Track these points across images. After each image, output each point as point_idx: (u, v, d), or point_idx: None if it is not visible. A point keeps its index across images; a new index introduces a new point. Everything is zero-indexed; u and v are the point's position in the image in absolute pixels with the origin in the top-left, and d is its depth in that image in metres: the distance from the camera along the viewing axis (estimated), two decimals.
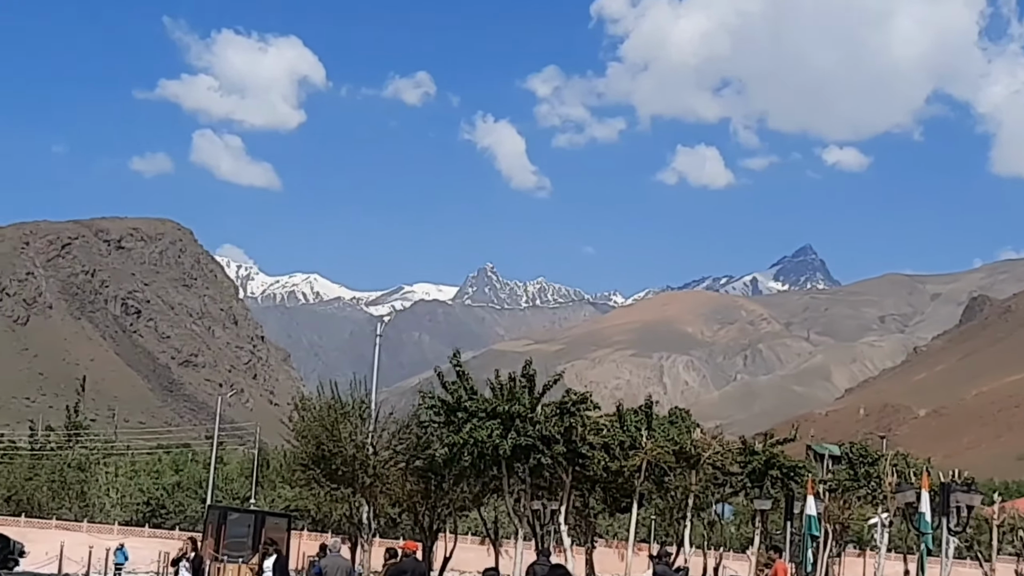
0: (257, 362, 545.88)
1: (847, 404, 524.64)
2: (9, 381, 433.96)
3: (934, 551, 40.36)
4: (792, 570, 44.55)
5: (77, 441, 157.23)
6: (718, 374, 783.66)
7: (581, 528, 64.30)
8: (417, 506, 61.03)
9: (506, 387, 59.19)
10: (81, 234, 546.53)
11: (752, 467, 68.34)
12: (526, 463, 57.47)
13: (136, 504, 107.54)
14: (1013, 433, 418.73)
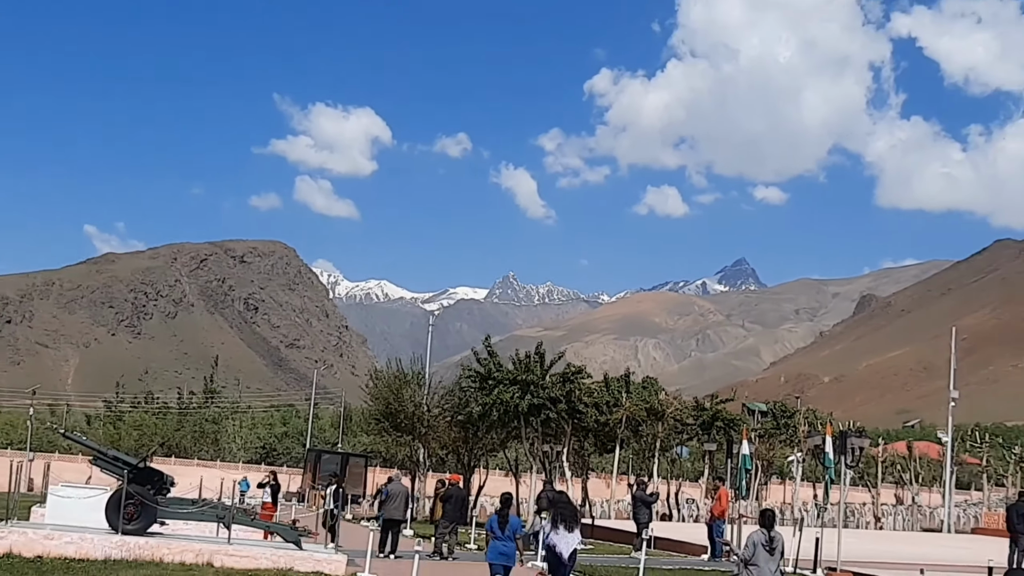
0: (342, 345, 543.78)
1: (771, 374, 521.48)
2: (163, 358, 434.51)
3: (835, 480, 40.15)
4: (731, 494, 44.27)
5: (212, 402, 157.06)
6: (677, 352, 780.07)
7: (578, 464, 64.33)
8: (459, 449, 61.23)
9: (523, 362, 59.78)
10: (214, 252, 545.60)
11: (702, 420, 68.64)
12: (538, 417, 57.84)
13: (254, 448, 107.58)
14: (892, 394, 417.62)
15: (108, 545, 24.57)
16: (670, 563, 31.17)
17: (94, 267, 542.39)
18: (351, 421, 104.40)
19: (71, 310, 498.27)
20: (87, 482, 38.39)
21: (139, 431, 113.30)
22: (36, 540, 24.79)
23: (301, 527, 30.88)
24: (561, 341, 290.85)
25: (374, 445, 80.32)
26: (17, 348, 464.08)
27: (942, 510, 69.01)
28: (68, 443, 64.91)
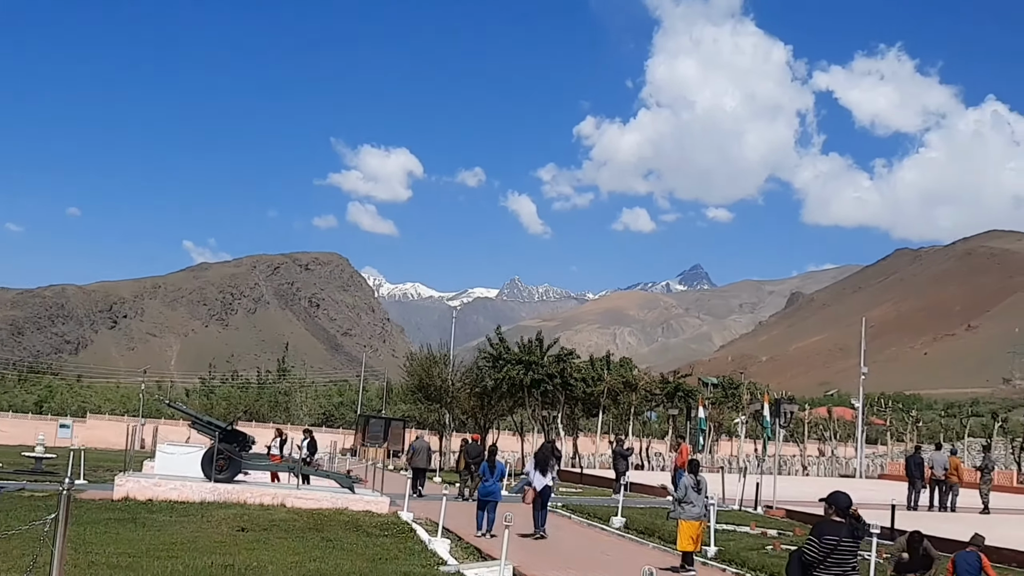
0: (385, 333, 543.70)
1: (720, 355, 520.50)
2: (245, 345, 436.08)
3: (771, 437, 40.08)
4: (690, 449, 44.11)
5: (283, 378, 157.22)
6: (647, 338, 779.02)
7: (570, 426, 64.36)
8: (476, 414, 61.17)
9: (526, 346, 59.99)
10: (285, 261, 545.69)
11: (667, 390, 68.50)
12: (538, 389, 57.97)
13: (317, 413, 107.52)
14: (815, 370, 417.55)
15: (203, 490, 24.70)
16: (642, 502, 31.18)
17: (191, 273, 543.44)
18: (392, 393, 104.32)
19: (173, 307, 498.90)
20: (186, 441, 38.36)
21: (227, 401, 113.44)
22: (147, 487, 24.91)
23: (354, 476, 30.82)
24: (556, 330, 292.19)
25: (410, 411, 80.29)
26: (132, 337, 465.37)
27: (855, 460, 68.99)
28: (171, 411, 64.98)
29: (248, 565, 14.97)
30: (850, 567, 9.51)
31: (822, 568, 9.39)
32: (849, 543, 9.55)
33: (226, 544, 17.39)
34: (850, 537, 9.59)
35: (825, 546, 9.42)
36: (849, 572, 9.48)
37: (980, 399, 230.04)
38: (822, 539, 9.48)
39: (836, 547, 9.42)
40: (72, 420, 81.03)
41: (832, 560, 9.39)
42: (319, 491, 25.94)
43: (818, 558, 9.41)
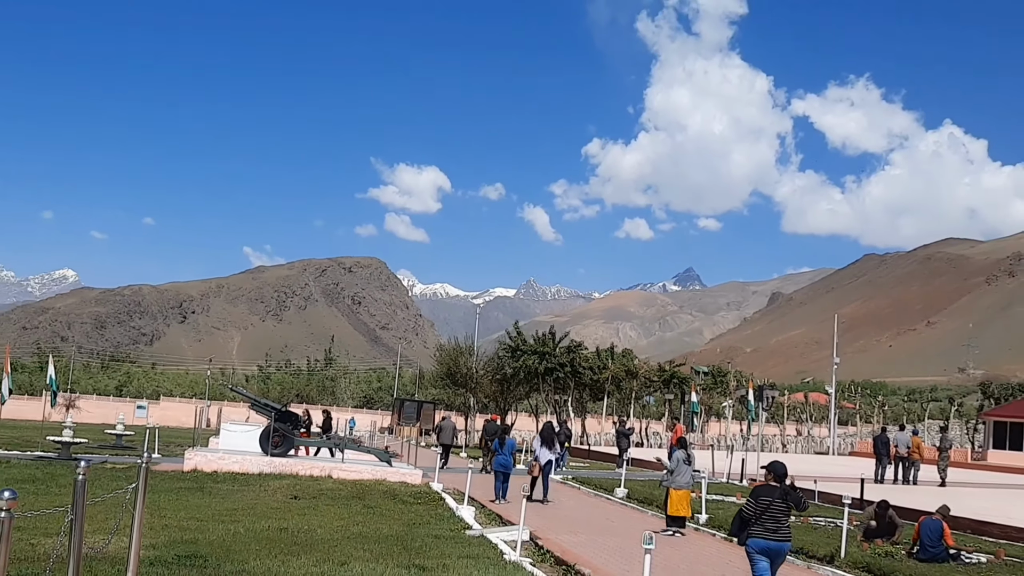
0: (417, 327, 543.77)
1: (711, 346, 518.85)
2: (296, 337, 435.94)
3: (755, 419, 39.99)
4: (684, 429, 44.03)
5: (330, 366, 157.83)
6: (646, 332, 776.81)
7: (579, 408, 64.20)
8: (497, 397, 61.03)
9: (541, 339, 60.34)
10: (331, 265, 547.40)
11: (663, 378, 68.52)
12: (551, 376, 58.05)
13: (359, 397, 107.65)
14: (794, 360, 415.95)
15: (260, 464, 24.77)
16: (641, 476, 31.11)
17: (250, 275, 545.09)
18: (424, 379, 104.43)
19: (235, 304, 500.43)
20: (246, 421, 38.50)
21: (281, 386, 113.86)
22: (212, 460, 25.02)
23: (391, 451, 30.87)
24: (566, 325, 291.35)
25: (439, 395, 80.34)
26: (199, 331, 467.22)
27: (828, 439, 68.66)
28: (233, 395, 65.09)
29: (300, 528, 15.04)
30: (782, 523, 10.10)
31: (758, 523, 10.05)
32: (780, 503, 10.14)
33: (281, 510, 17.48)
34: (782, 499, 10.18)
35: (760, 504, 10.09)
36: (781, 527, 10.07)
37: (938, 386, 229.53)
38: (758, 499, 10.18)
39: (769, 506, 10.08)
40: (148, 402, 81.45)
41: (766, 516, 10.04)
42: (361, 464, 26.00)
43: (754, 514, 10.10)
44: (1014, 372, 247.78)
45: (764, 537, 10.02)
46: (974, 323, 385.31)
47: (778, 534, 10.05)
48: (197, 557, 11.66)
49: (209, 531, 14.09)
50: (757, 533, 10.05)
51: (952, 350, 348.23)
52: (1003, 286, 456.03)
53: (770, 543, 10.02)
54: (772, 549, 10.05)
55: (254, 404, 29.14)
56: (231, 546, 12.83)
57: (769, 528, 10.02)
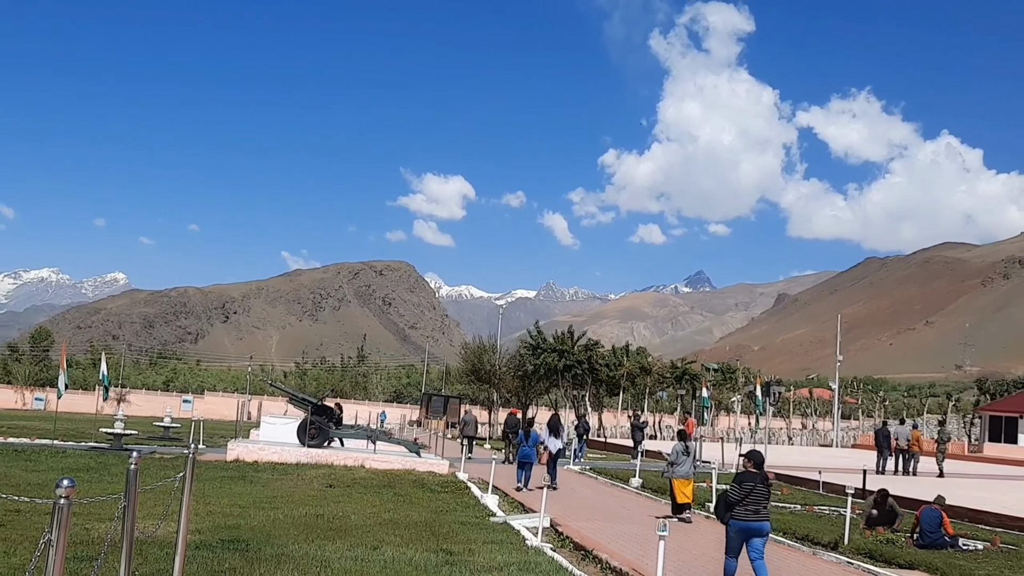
0: (444, 327, 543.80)
1: (720, 344, 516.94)
2: (331, 336, 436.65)
3: (763, 413, 39.90)
4: (695, 422, 44.00)
5: (362, 363, 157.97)
6: (659, 331, 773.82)
7: (595, 403, 64.10)
8: (519, 393, 61.02)
9: (560, 338, 60.14)
10: (363, 268, 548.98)
11: (676, 374, 68.33)
12: (569, 373, 58.04)
13: (389, 392, 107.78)
14: (799, 358, 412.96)
15: (298, 454, 24.86)
16: (654, 466, 30.99)
17: (288, 278, 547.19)
18: (450, 375, 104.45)
19: (274, 305, 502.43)
20: (285, 414, 38.63)
21: (316, 382, 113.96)
22: (253, 451, 25.11)
23: (420, 443, 30.93)
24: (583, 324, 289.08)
25: (465, 390, 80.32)
26: (240, 330, 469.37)
27: (832, 432, 68.26)
28: (272, 389, 65.30)
29: (335, 515, 15.10)
30: (762, 507, 10.69)
31: (741, 506, 10.59)
32: (762, 488, 10.73)
33: (317, 497, 17.54)
34: (762, 484, 10.78)
35: (743, 489, 10.62)
36: (761, 510, 10.65)
37: (936, 382, 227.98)
38: (741, 485, 10.71)
39: (752, 491, 10.62)
40: (193, 397, 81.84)
41: (748, 500, 10.58)
42: (391, 455, 26.06)
43: (738, 499, 10.64)
44: (1009, 369, 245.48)
45: (746, 519, 10.59)
46: (970, 323, 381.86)
47: (759, 515, 10.63)
48: (240, 541, 11.74)
49: (251, 517, 14.17)
50: (740, 515, 10.60)
51: (949, 348, 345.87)
52: (998, 288, 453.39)
53: (751, 523, 10.59)
54: (753, 528, 10.62)
55: (292, 398, 29.29)
56: (271, 531, 12.90)
57: (751, 510, 10.58)
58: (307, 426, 26.18)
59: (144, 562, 9.53)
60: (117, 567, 6.37)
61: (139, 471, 6.34)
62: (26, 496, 11.70)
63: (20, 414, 56.20)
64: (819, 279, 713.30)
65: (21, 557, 9.80)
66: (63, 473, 18.46)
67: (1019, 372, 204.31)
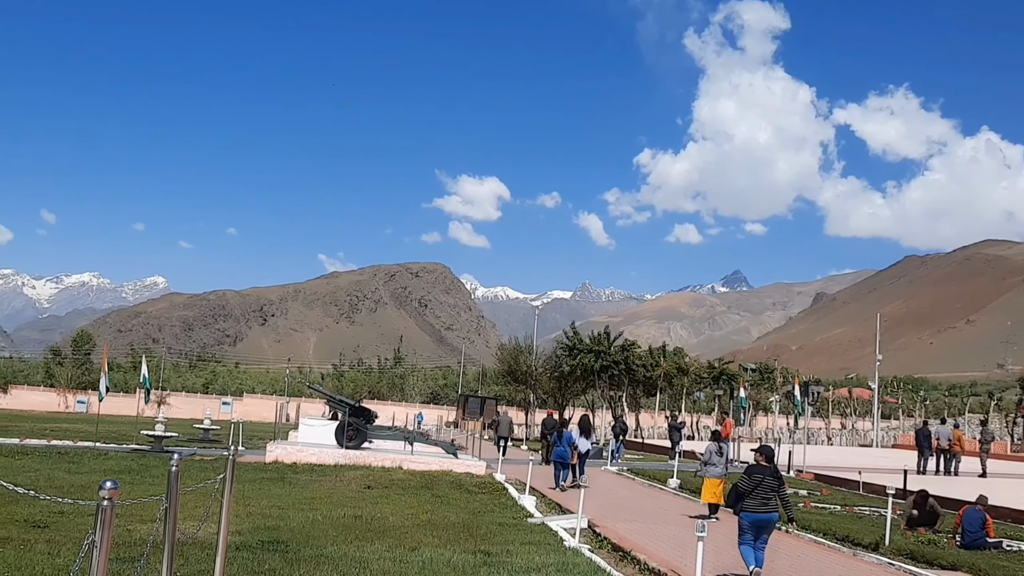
0: (480, 328, 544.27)
1: (758, 344, 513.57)
2: (368, 338, 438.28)
3: (801, 413, 39.52)
4: (733, 423, 43.75)
5: (399, 364, 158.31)
6: (696, 331, 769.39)
7: (632, 404, 63.85)
8: (555, 393, 60.95)
9: (596, 338, 59.97)
10: (399, 270, 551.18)
11: (713, 374, 67.97)
12: (606, 374, 57.90)
13: (426, 393, 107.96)
14: (838, 357, 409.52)
15: (336, 455, 24.98)
16: (692, 466, 30.84)
17: (325, 280, 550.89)
18: (486, 376, 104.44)
19: (311, 308, 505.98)
20: (322, 416, 38.89)
21: (354, 383, 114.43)
22: (292, 452, 25.28)
23: (457, 444, 31.00)
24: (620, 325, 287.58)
25: (501, 391, 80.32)
26: (278, 332, 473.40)
27: (872, 432, 67.57)
28: (310, 391, 65.70)
29: (373, 516, 15.16)
30: (771, 498, 11.27)
31: (751, 497, 11.23)
32: (771, 481, 11.33)
33: (355, 499, 17.61)
34: (772, 477, 11.38)
35: (753, 481, 11.28)
36: (770, 501, 11.23)
37: (978, 381, 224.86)
38: (751, 476, 11.37)
39: (761, 482, 11.25)
40: (232, 399, 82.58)
41: (758, 491, 11.21)
42: (429, 456, 26.12)
43: (748, 490, 11.28)
44: None
45: (755, 510, 11.18)
46: (1012, 321, 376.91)
47: (767, 507, 11.23)
48: (279, 543, 11.82)
49: (290, 518, 14.26)
50: (750, 506, 11.22)
51: (991, 347, 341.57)
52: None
53: (760, 515, 11.18)
54: (762, 519, 11.20)
55: (330, 400, 29.44)
56: (310, 532, 12.98)
57: (760, 501, 11.21)
58: (345, 428, 26.31)
59: (185, 563, 9.62)
60: (159, 568, 6.44)
61: (180, 473, 6.41)
62: (69, 498, 11.86)
63: (63, 417, 56.97)
64: (857, 278, 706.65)
65: (65, 558, 9.93)
66: (105, 475, 18.68)
67: None
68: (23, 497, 8.20)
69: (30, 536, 11.43)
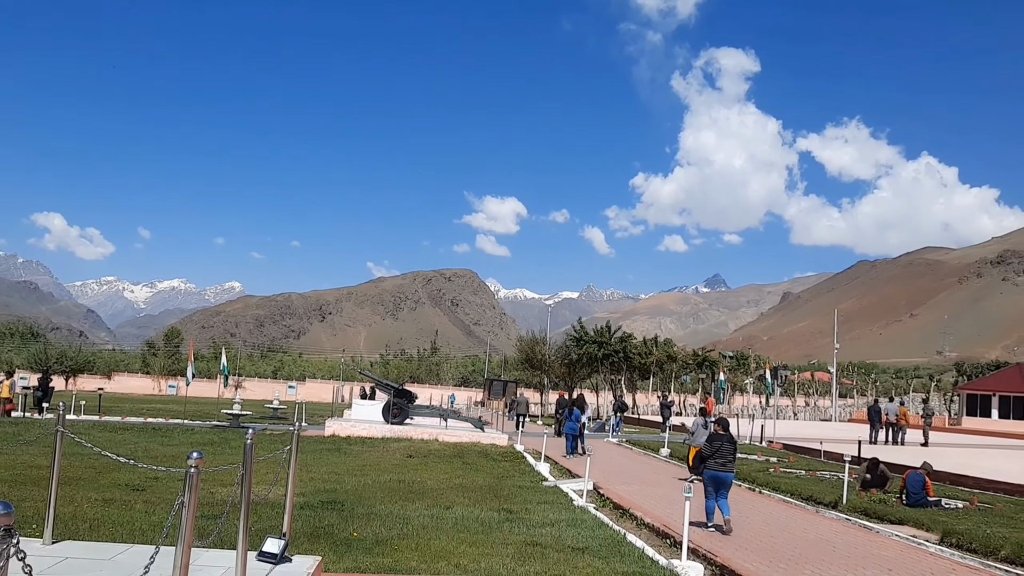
0: (502, 323, 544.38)
1: (734, 335, 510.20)
2: (409, 332, 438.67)
3: (772, 393, 39.38)
4: (714, 402, 43.58)
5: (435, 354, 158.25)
6: (682, 325, 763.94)
7: (630, 386, 63.61)
8: (565, 377, 60.82)
9: (599, 331, 59.68)
10: (435, 275, 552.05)
11: (697, 361, 67.69)
12: (608, 361, 57.65)
13: (458, 377, 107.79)
14: (802, 347, 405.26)
15: (383, 430, 24.99)
16: (680, 439, 30.73)
17: (373, 284, 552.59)
18: (508, 364, 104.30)
19: (361, 307, 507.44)
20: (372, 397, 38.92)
21: (397, 370, 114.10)
22: (346, 427, 25.31)
23: (483, 420, 30.99)
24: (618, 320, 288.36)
25: (520, 376, 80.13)
26: (334, 328, 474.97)
27: (831, 409, 67.12)
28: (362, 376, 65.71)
29: (414, 480, 15.18)
30: (728, 460, 11.68)
31: (712, 459, 11.65)
32: (728, 446, 11.73)
33: (399, 466, 17.64)
34: (728, 443, 11.77)
35: (713, 447, 11.72)
36: (727, 463, 11.65)
37: (920, 366, 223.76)
38: (712, 443, 11.81)
39: (720, 448, 11.65)
40: (296, 383, 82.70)
41: (718, 455, 11.62)
42: (460, 430, 26.10)
43: (710, 454, 11.73)
44: (983, 354, 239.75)
45: (716, 469, 11.61)
46: (949, 315, 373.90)
47: (725, 467, 11.66)
48: (336, 502, 11.86)
49: (345, 482, 14.29)
50: (711, 466, 11.66)
51: (931, 337, 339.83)
52: (973, 285, 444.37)
53: (719, 473, 11.61)
54: (720, 476, 11.61)
55: (378, 384, 29.47)
56: (362, 494, 13.01)
57: (719, 462, 11.62)
58: (390, 407, 26.33)
59: (258, 519, 9.66)
60: (237, 524, 6.46)
61: (254, 445, 6.44)
62: (163, 466, 11.92)
63: (156, 399, 57.27)
64: (818, 279, 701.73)
65: (159, 516, 10.00)
66: (192, 447, 18.79)
67: (992, 356, 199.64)
68: (124, 465, 8.26)
69: (130, 498, 11.51)
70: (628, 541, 10.12)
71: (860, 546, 11.17)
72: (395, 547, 8.98)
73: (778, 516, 13.51)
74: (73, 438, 8.28)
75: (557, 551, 9.28)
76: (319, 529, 9.74)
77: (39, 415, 29.37)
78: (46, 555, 7.00)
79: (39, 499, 10.19)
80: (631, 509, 13.00)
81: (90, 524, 9.23)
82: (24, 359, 69.75)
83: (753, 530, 11.90)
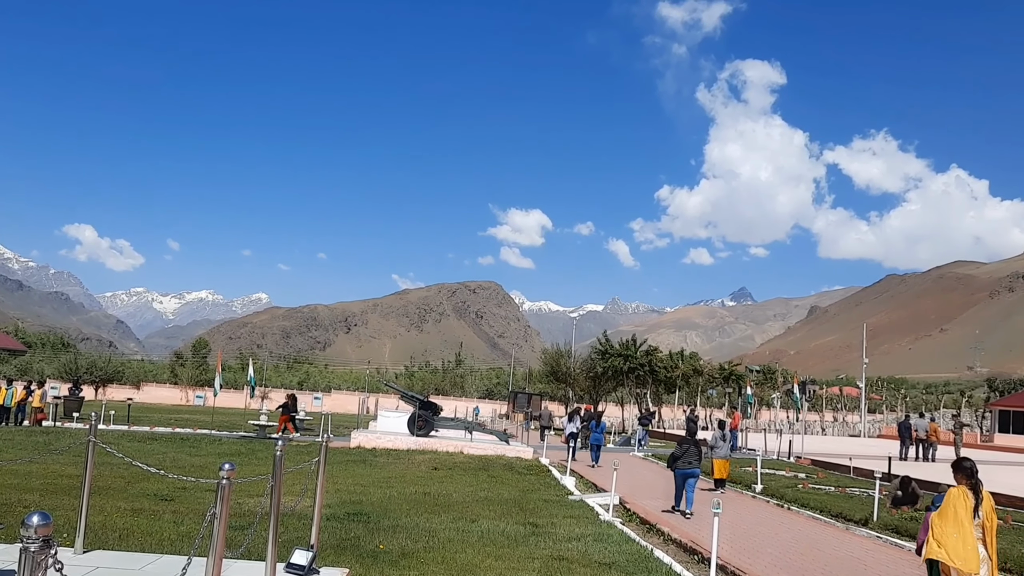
0: (527, 336, 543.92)
1: (761, 349, 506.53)
2: (434, 343, 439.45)
3: (799, 408, 38.98)
4: (741, 416, 43.21)
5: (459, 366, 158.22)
6: (708, 339, 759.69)
7: (655, 400, 63.28)
8: (590, 390, 60.61)
9: (625, 344, 59.41)
10: (460, 288, 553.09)
11: (723, 375, 67.18)
12: (633, 374, 57.40)
13: (482, 389, 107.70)
14: (830, 361, 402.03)
15: (408, 442, 25.03)
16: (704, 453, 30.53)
17: (398, 296, 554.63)
18: (532, 376, 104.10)
19: (386, 319, 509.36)
20: (397, 408, 39.00)
21: (422, 382, 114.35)
22: (372, 439, 25.39)
23: (508, 432, 30.93)
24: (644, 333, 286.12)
25: (545, 389, 79.91)
26: (360, 339, 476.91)
27: (860, 424, 66.34)
28: (387, 388, 65.83)
29: (439, 492, 15.17)
30: (694, 460, 14.65)
31: (682, 460, 14.63)
32: (693, 449, 14.80)
33: (424, 478, 17.65)
34: (694, 447, 14.85)
35: (682, 449, 14.81)
36: (693, 462, 14.60)
37: (950, 381, 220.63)
38: (681, 446, 14.85)
39: (687, 451, 14.70)
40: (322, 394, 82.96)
41: (685, 456, 14.62)
42: (485, 443, 26.08)
43: (679, 455, 14.73)
44: (1015, 369, 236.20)
45: (684, 468, 14.55)
46: (980, 330, 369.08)
47: (691, 465, 14.56)
48: (362, 514, 11.87)
49: (371, 494, 14.31)
50: (681, 465, 14.57)
51: (962, 352, 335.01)
52: (1004, 299, 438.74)
53: (687, 470, 14.52)
54: (688, 472, 14.50)
55: (403, 396, 29.52)
56: (387, 506, 13.02)
57: (687, 462, 14.58)
58: (416, 418, 26.37)
59: (286, 530, 9.70)
60: (265, 535, 6.50)
61: (284, 457, 6.48)
62: (191, 476, 12.01)
63: (184, 409, 57.74)
64: (846, 293, 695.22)
65: (188, 526, 10.05)
66: (219, 458, 18.91)
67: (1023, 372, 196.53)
68: (153, 475, 8.33)
69: (159, 507, 11.60)
70: (655, 557, 10.04)
71: (891, 564, 11.03)
72: (421, 560, 8.97)
73: (807, 533, 13.35)
74: (104, 448, 8.37)
75: (584, 566, 9.23)
76: (345, 541, 9.75)
77: (71, 423, 29.71)
78: (78, 564, 7.08)
79: (69, 508, 10.31)
80: (658, 524, 12.90)
81: (119, 534, 9.30)
82: (55, 369, 70.61)
83: (782, 547, 11.77)
